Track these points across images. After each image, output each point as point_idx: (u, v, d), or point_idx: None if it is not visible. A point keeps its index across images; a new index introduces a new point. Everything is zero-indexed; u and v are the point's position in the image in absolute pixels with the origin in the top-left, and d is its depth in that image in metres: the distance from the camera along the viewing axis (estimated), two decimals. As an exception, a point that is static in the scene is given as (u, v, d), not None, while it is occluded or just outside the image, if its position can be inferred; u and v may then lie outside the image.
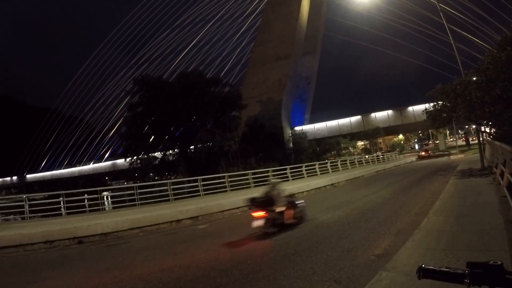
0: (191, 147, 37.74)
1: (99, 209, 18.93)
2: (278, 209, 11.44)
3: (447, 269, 1.41)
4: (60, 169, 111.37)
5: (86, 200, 19.50)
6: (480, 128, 24.10)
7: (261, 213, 10.98)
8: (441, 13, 28.97)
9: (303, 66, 74.75)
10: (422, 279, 1.47)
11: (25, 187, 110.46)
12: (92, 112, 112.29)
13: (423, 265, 1.48)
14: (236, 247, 9.87)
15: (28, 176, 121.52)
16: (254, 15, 75.61)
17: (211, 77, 42.87)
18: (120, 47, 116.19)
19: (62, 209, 17.78)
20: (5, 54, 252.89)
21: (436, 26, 60.39)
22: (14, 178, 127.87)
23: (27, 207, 17.09)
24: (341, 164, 38.49)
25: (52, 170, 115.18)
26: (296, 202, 12.49)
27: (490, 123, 21.20)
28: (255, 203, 11.53)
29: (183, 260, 9.01)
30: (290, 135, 57.49)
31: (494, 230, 7.15)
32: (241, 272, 7.42)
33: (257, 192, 19.80)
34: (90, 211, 18.56)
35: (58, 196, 18.26)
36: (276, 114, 55.30)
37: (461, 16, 59.86)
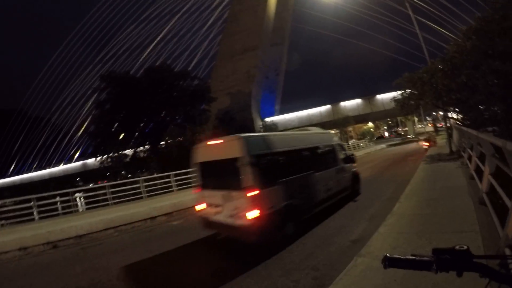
0: (162, 143, 37.32)
1: (72, 211, 18.59)
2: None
3: (413, 257, 1.41)
4: (29, 172, 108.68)
5: (58, 203, 19.11)
6: (447, 115, 24.64)
7: (427, 143, 26.94)
8: (407, 3, 29.50)
9: (272, 58, 74.78)
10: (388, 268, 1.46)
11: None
12: (59, 112, 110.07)
13: (388, 255, 1.47)
14: (211, 240, 9.88)
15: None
16: (221, 7, 75.20)
17: (179, 70, 42.24)
18: (85, 43, 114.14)
19: (34, 214, 17.40)
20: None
21: (403, 16, 61.42)
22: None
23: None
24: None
25: (21, 174, 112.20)
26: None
27: (456, 109, 21.71)
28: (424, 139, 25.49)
29: (160, 257, 9.00)
30: (261, 126, 57.53)
31: (465, 212, 7.37)
32: (219, 264, 7.48)
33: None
34: (63, 214, 18.21)
35: (29, 200, 17.85)
36: (246, 106, 55.33)
37: (427, 6, 60.98)
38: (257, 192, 7.86)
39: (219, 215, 8.74)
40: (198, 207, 9.73)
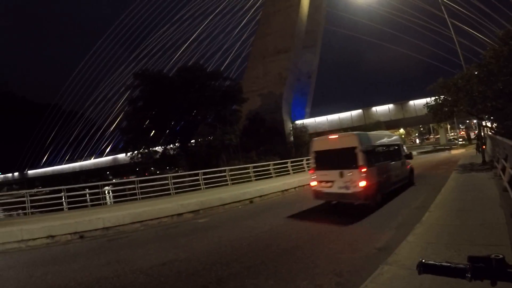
0: (191, 141, 37.64)
1: (100, 204, 18.93)
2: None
3: (448, 264, 1.39)
4: (61, 164, 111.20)
5: (87, 195, 19.50)
6: (482, 123, 24.01)
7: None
8: (442, 7, 28.91)
9: (304, 60, 74.39)
10: (422, 274, 1.44)
11: (26, 183, 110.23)
12: (93, 107, 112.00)
13: (423, 260, 1.45)
14: (237, 241, 9.88)
15: (30, 172, 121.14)
16: (254, 9, 75.25)
17: (211, 71, 42.65)
18: (120, 41, 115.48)
19: (63, 204, 17.79)
20: (5, 49, 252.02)
21: (438, 20, 59.98)
22: (16, 174, 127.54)
23: (28, 202, 17.11)
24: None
25: (53, 165, 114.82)
26: None
27: (491, 117, 21.12)
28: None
29: (184, 253, 9.03)
30: (291, 128, 57.29)
31: (496, 225, 7.13)
32: (242, 265, 7.44)
33: (259, 185, 19.89)
34: (92, 205, 18.56)
35: (59, 191, 18.25)
36: (276, 107, 55.13)
37: (463, 10, 59.47)
38: (365, 169, 11.98)
39: (330, 188, 12.92)
40: (312, 183, 13.91)
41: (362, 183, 11.92)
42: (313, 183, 13.78)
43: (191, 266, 7.81)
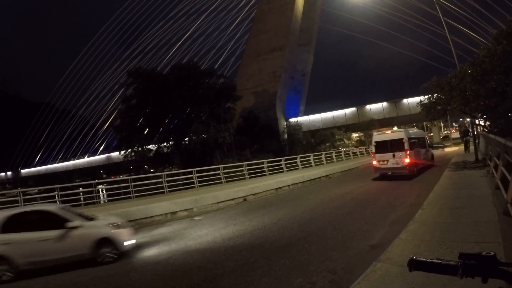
0: (185, 139, 37.53)
1: (94, 203, 18.86)
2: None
3: (439, 261, 1.37)
4: (54, 163, 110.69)
5: (81, 194, 19.42)
6: (475, 121, 24.11)
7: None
8: (437, 5, 29.02)
9: (298, 58, 74.47)
10: (414, 271, 1.44)
11: (19, 182, 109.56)
12: (86, 106, 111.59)
13: (414, 257, 1.44)
14: (230, 239, 9.90)
15: (23, 171, 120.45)
16: (248, 7, 75.15)
17: (205, 68, 42.50)
18: (113, 39, 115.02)
19: (57, 203, 17.71)
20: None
21: (432, 19, 60.17)
22: (9, 173, 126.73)
23: (21, 202, 17.00)
24: (335, 155, 38.57)
25: (46, 164, 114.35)
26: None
27: (484, 116, 21.21)
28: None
29: (178, 252, 9.04)
30: (285, 126, 57.35)
31: (488, 222, 7.18)
32: (236, 263, 7.46)
33: (253, 183, 19.91)
34: (85, 204, 18.49)
35: (52, 190, 18.17)
36: (270, 105, 55.13)
37: (457, 9, 59.67)
38: (409, 152, 19.60)
39: (386, 164, 20.59)
40: (374, 162, 21.53)
41: (407, 160, 19.79)
42: (374, 162, 21.61)
43: (185, 264, 7.82)
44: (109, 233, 9.33)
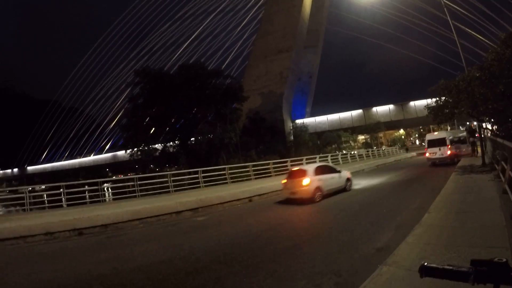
0: (191, 139, 37.63)
1: (99, 201, 18.87)
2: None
3: (451, 267, 1.38)
4: (60, 161, 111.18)
5: (86, 192, 19.48)
6: (482, 125, 23.98)
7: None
8: (445, 8, 28.90)
9: (305, 60, 74.51)
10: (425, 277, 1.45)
11: (26, 179, 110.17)
12: (93, 104, 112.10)
13: (426, 263, 1.45)
14: (235, 239, 9.88)
15: (29, 168, 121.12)
16: (256, 8, 75.25)
17: (212, 69, 42.60)
18: (121, 38, 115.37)
19: (62, 200, 17.79)
20: (5, 45, 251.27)
21: (440, 22, 59.99)
22: (15, 170, 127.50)
23: (27, 199, 17.08)
24: (341, 157, 38.50)
25: (52, 162, 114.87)
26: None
27: (492, 120, 21.08)
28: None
29: (183, 251, 9.02)
30: (291, 128, 57.36)
31: (496, 227, 7.10)
32: (242, 264, 7.42)
33: (259, 183, 19.89)
34: (91, 202, 18.51)
35: (58, 187, 18.24)
36: (277, 106, 55.13)
37: (466, 13, 59.42)
38: (449, 146, 28.35)
39: (434, 155, 28.99)
40: (427, 154, 30.06)
41: (448, 152, 28.19)
42: (427, 154, 30.07)
43: (190, 264, 7.79)
44: (349, 176, 19.43)
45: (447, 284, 1.38)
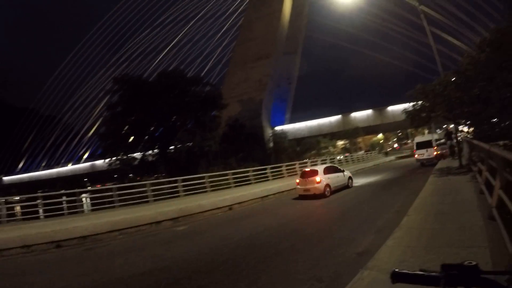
0: (171, 147, 37.42)
1: (77, 212, 18.57)
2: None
3: (422, 273, 1.39)
4: (38, 171, 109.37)
5: (64, 203, 19.12)
6: (458, 128, 24.43)
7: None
8: (421, 15, 29.41)
9: (285, 66, 74.93)
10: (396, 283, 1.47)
11: (2, 190, 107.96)
12: (71, 112, 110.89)
13: (396, 270, 1.46)
14: (216, 248, 9.84)
15: (5, 178, 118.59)
16: (236, 14, 75.58)
17: (192, 76, 42.36)
18: (100, 45, 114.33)
19: (39, 212, 17.45)
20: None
21: (417, 27, 61.17)
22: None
23: (4, 210, 16.71)
24: (321, 163, 38.75)
25: (29, 172, 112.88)
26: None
27: (468, 122, 21.50)
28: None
29: (163, 262, 8.95)
30: (271, 134, 57.51)
31: (474, 227, 7.22)
32: (223, 273, 7.40)
33: (239, 191, 19.89)
34: (69, 213, 18.18)
35: (35, 198, 17.90)
36: (256, 113, 55.24)
37: (442, 18, 60.76)
38: (436, 148, 31.72)
39: (422, 156, 32.03)
40: (416, 156, 33.30)
41: (434, 153, 30.81)
42: (416, 156, 33.02)
43: (171, 274, 7.73)
44: (350, 175, 22.93)
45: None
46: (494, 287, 1.26)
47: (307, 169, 21.19)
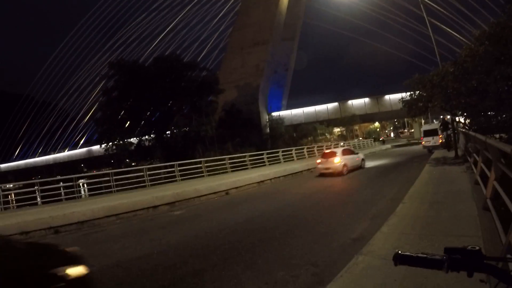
0: (167, 132, 37.32)
1: (75, 197, 18.57)
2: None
3: (425, 255, 1.38)
4: (34, 157, 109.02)
5: (61, 189, 19.13)
6: (455, 118, 24.44)
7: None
8: (421, 5, 29.30)
9: (282, 53, 74.48)
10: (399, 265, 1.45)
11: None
12: (66, 98, 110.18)
13: (399, 251, 1.44)
14: (213, 233, 9.90)
15: (1, 165, 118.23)
16: (233, 0, 74.85)
17: (188, 61, 42.10)
18: (95, 29, 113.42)
19: (37, 198, 17.46)
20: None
21: (417, 18, 60.90)
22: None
23: (1, 197, 16.68)
24: (317, 149, 38.75)
25: (26, 158, 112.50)
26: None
27: (465, 113, 21.52)
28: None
29: (160, 246, 9.00)
30: (267, 120, 57.50)
31: (468, 216, 7.30)
32: (220, 257, 7.46)
33: (235, 176, 19.95)
34: (66, 199, 18.17)
35: (32, 185, 17.89)
36: (253, 99, 55.12)
37: (442, 10, 60.42)
38: (441, 136, 30.98)
39: (429, 143, 32.79)
40: (423, 142, 34.19)
41: (439, 140, 31.16)
42: (423, 142, 34.01)
43: (168, 259, 7.79)
44: (363, 157, 26.28)
45: (421, 273, 1.42)
46: (497, 272, 1.27)
47: (327, 151, 25.35)
